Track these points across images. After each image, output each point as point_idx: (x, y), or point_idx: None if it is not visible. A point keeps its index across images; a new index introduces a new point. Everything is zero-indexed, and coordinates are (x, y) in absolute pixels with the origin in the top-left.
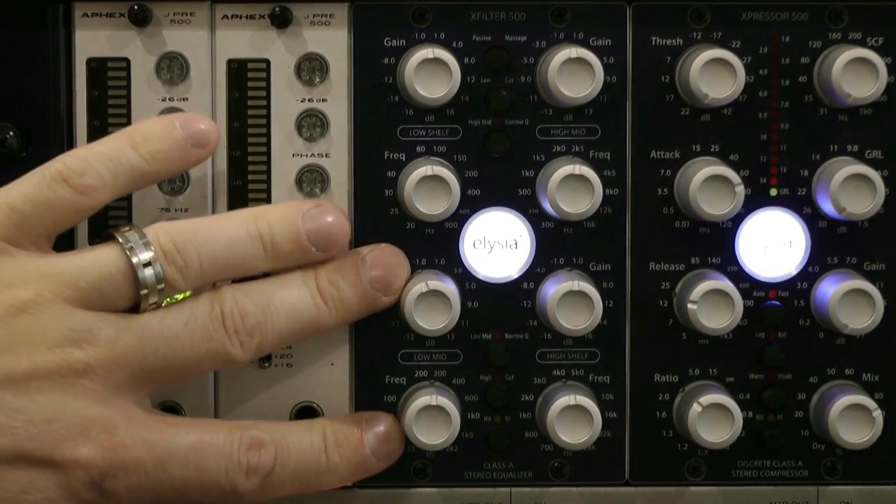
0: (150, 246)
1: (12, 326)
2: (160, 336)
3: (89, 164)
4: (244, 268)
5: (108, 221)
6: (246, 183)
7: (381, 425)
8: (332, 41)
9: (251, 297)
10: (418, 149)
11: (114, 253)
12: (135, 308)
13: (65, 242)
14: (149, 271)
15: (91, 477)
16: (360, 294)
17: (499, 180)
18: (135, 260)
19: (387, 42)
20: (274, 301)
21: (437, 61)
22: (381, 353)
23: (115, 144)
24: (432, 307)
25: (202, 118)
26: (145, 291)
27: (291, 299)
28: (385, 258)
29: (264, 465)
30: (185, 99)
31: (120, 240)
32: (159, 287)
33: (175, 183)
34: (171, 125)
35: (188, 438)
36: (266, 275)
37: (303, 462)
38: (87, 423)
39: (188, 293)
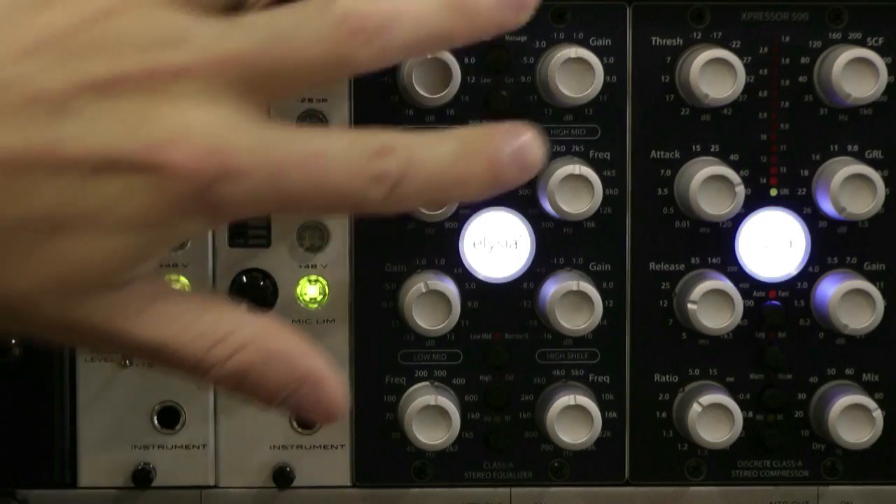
0: None
1: (96, 32)
2: (268, 35)
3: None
4: None
5: None
6: None
7: (520, 136)
8: None
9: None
10: None
11: None
12: (238, 8)
13: None
14: None
15: (193, 184)
16: (496, 7)
17: None
18: None
19: None
20: (399, 3)
21: (437, 61)
22: (381, 353)
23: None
24: (432, 307)
25: None
26: None
27: (419, 3)
28: None
29: (393, 172)
30: None
31: None
32: None
33: None
34: None
35: (310, 144)
36: None
37: (434, 170)
38: (186, 127)
39: None
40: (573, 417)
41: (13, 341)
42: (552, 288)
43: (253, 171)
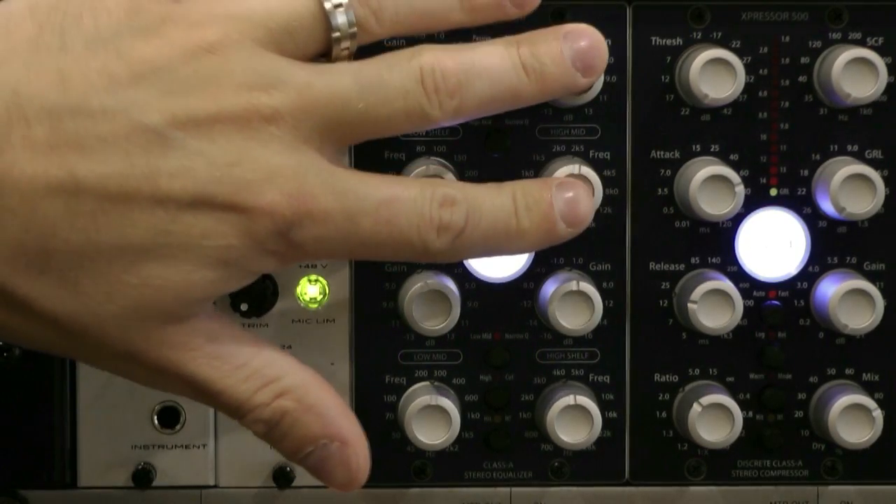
0: None
1: (197, 67)
2: (353, 85)
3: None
4: (440, 17)
5: None
6: None
7: (572, 190)
8: None
9: (452, 57)
10: (418, 149)
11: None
12: (326, 56)
13: None
14: (340, 14)
15: (276, 225)
16: (561, 69)
17: (499, 180)
18: (326, 4)
19: (387, 42)
20: (476, 64)
21: None
22: (381, 353)
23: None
24: (432, 307)
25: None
26: (337, 34)
27: (494, 64)
28: (589, 32)
29: (456, 223)
30: None
31: None
32: (351, 31)
33: None
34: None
35: (380, 192)
36: None
37: (493, 223)
38: (273, 170)
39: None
40: (573, 417)
41: None
42: (552, 288)
43: (331, 215)
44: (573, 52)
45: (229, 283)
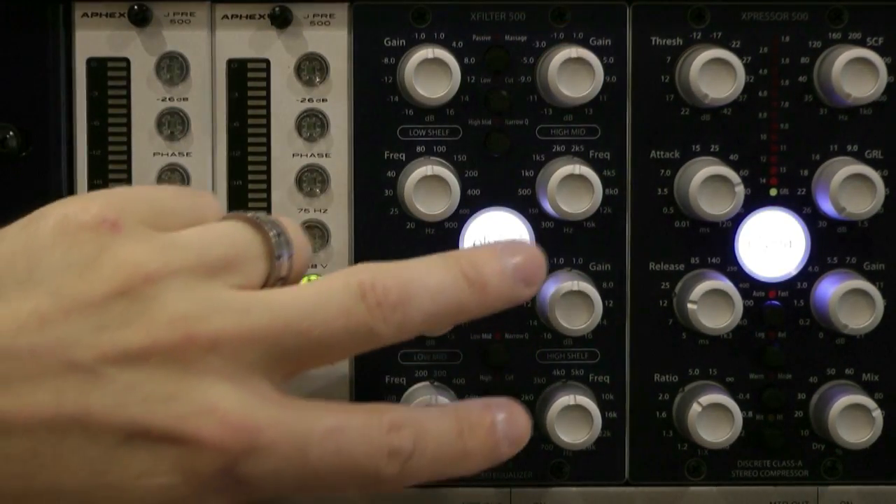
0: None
1: (132, 299)
2: (293, 310)
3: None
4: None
5: None
6: (246, 183)
7: (509, 411)
8: (332, 41)
9: (392, 274)
10: (418, 149)
11: (247, 230)
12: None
13: None
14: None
15: (222, 461)
16: (504, 282)
17: (499, 180)
18: (272, 235)
19: (387, 42)
20: (416, 279)
21: (437, 61)
22: (381, 353)
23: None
24: None
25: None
26: (280, 261)
27: (434, 279)
28: (524, 247)
29: (405, 447)
30: (186, 99)
31: (259, 224)
32: (290, 253)
33: (175, 183)
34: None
35: (327, 420)
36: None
37: (440, 446)
38: (214, 402)
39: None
40: (573, 417)
41: None
42: (552, 288)
43: (278, 446)
44: (513, 266)
45: None
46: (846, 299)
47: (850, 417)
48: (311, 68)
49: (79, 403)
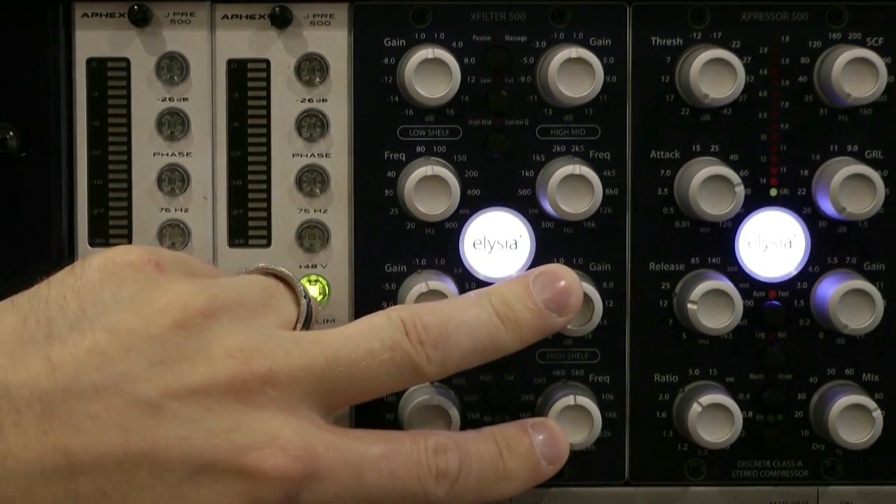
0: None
1: (188, 333)
2: (342, 343)
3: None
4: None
5: (107, 223)
6: (246, 183)
7: (546, 430)
8: (332, 41)
9: (430, 312)
10: (418, 149)
11: (269, 279)
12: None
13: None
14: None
15: (284, 490)
16: (536, 315)
17: (499, 180)
18: (293, 281)
19: (387, 42)
20: (453, 317)
21: (437, 61)
22: None
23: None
24: None
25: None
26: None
27: (471, 317)
28: (555, 278)
29: (452, 469)
30: (185, 99)
31: (277, 272)
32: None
33: (175, 183)
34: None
35: (378, 446)
36: None
37: (484, 467)
38: (274, 432)
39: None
40: (573, 417)
41: None
42: None
43: (336, 472)
44: (544, 300)
45: None
46: (846, 299)
47: (850, 417)
48: (311, 68)
49: (147, 439)
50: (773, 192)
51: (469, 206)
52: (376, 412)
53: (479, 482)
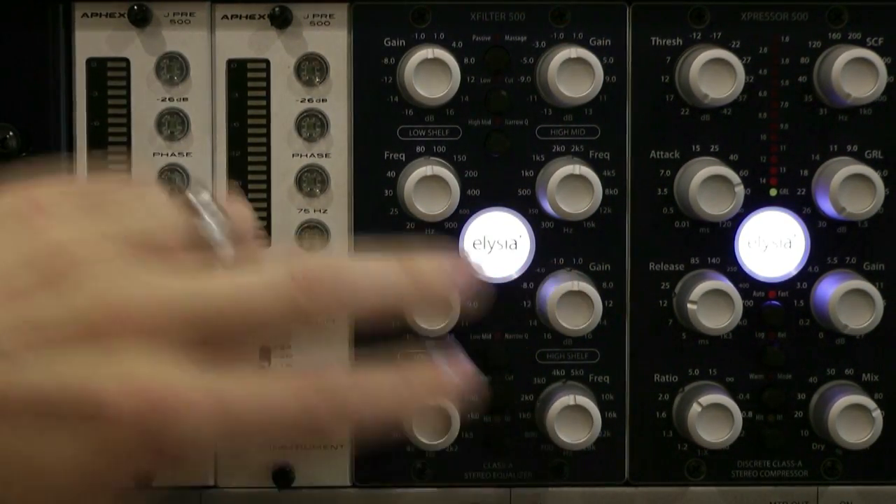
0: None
1: (47, 273)
2: (218, 284)
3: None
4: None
5: None
6: (246, 183)
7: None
8: (332, 41)
9: (319, 258)
10: (418, 149)
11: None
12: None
13: None
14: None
15: (138, 431)
16: (438, 269)
17: (499, 180)
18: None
19: (387, 42)
20: (344, 261)
21: (436, 61)
22: (380, 354)
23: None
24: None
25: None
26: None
27: (364, 261)
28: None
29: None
30: (185, 99)
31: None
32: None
33: (175, 183)
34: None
35: (249, 379)
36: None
37: (375, 385)
38: (127, 373)
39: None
40: (573, 417)
41: None
42: (552, 288)
43: (197, 408)
44: (449, 262)
45: (105, 493)
46: (846, 299)
47: (850, 417)
48: (311, 68)
49: None
50: (773, 192)
51: (469, 206)
52: None
53: (367, 398)
